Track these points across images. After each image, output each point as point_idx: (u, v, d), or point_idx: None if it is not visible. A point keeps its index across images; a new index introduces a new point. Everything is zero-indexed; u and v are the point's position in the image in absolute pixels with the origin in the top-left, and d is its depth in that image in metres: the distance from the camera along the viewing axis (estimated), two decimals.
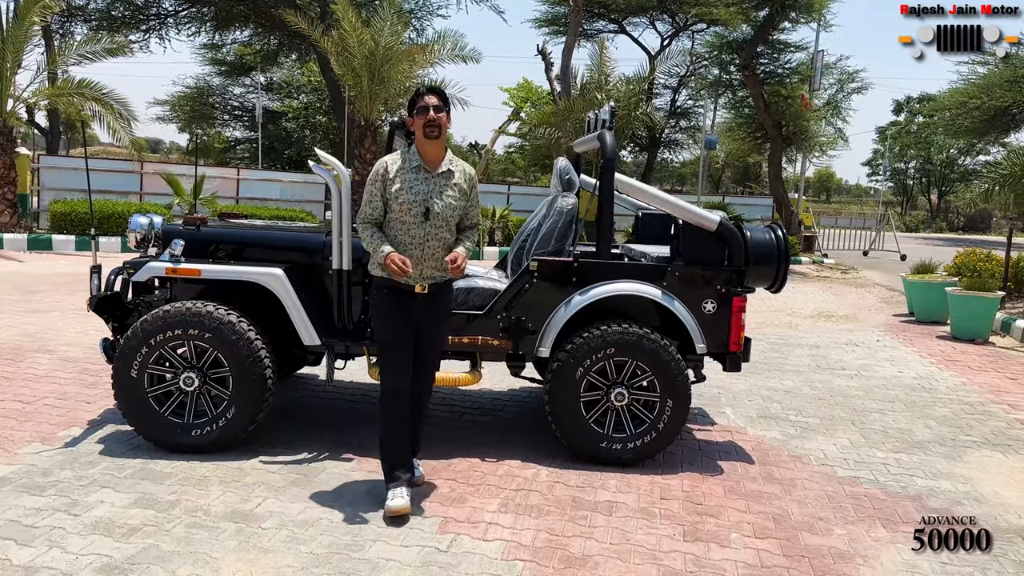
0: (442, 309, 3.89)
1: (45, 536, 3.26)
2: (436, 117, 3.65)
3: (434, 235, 3.69)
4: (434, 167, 3.72)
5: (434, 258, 3.71)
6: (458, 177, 3.78)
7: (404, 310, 3.74)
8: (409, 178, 3.69)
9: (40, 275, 10.95)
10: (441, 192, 3.71)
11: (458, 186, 3.77)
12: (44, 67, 15.96)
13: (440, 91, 3.79)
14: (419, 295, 3.73)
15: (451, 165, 3.78)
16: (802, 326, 9.92)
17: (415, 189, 3.67)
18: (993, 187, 11.54)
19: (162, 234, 4.62)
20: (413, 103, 3.74)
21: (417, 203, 3.66)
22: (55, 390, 5.34)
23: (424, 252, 3.69)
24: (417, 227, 3.68)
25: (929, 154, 52.52)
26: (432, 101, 3.67)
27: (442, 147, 3.77)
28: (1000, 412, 6.06)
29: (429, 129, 3.65)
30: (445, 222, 3.72)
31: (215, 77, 32.81)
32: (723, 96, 25.18)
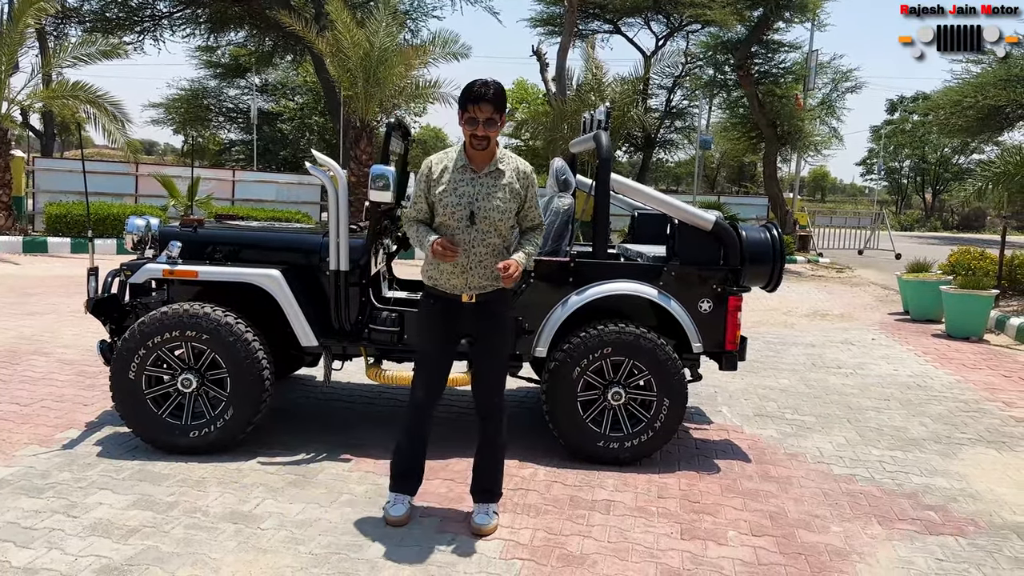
0: (496, 321, 3.51)
1: (44, 538, 3.26)
2: (484, 133, 3.32)
3: (480, 240, 3.39)
4: (481, 168, 3.43)
5: (482, 265, 3.41)
6: (508, 177, 3.44)
7: (447, 322, 3.49)
8: (454, 179, 3.41)
9: (36, 277, 10.93)
10: (488, 194, 3.39)
11: (508, 187, 3.43)
12: (39, 69, 15.91)
13: (496, 96, 3.33)
14: (466, 305, 3.45)
15: (501, 164, 3.45)
16: (798, 325, 9.94)
17: (460, 191, 3.39)
18: (987, 185, 11.58)
19: (159, 236, 4.63)
20: (463, 105, 3.36)
21: (461, 206, 3.37)
22: (52, 392, 5.34)
23: (470, 259, 3.40)
24: (462, 232, 3.38)
25: (923, 153, 52.66)
26: (483, 115, 3.30)
27: (490, 152, 3.44)
28: (994, 409, 6.09)
29: (476, 140, 3.35)
30: (493, 226, 3.40)
31: (210, 79, 32.81)
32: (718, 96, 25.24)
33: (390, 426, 4.99)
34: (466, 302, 3.45)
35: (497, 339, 3.57)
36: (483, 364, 3.60)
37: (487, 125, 3.32)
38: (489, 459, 3.67)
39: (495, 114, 3.32)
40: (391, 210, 4.95)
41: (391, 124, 4.77)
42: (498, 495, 3.69)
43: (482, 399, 3.62)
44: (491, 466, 3.67)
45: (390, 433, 4.83)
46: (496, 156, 3.47)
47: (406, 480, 3.67)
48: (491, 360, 3.58)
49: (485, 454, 3.67)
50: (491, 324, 3.52)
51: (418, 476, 3.71)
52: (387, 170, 4.21)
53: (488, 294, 3.47)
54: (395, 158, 5.05)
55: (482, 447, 3.68)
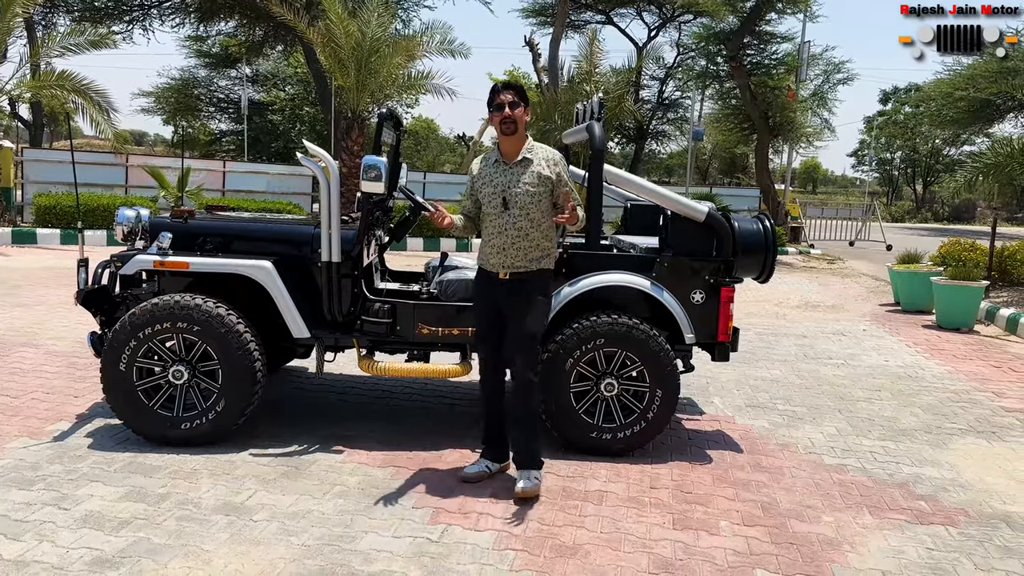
0: (524, 299, 3.90)
1: (35, 530, 3.25)
2: (511, 114, 3.79)
3: (513, 224, 3.82)
4: (511, 158, 3.87)
5: (515, 247, 3.84)
6: (536, 164, 3.86)
7: (489, 296, 3.96)
8: (490, 172, 3.92)
9: (25, 269, 10.86)
10: (518, 181, 3.83)
11: (536, 172, 3.84)
12: (27, 59, 15.77)
13: (517, 86, 3.92)
14: (502, 281, 3.89)
15: (529, 154, 3.88)
16: (789, 316, 9.98)
17: (495, 181, 3.88)
18: (977, 177, 11.62)
19: (149, 227, 4.59)
20: (491, 99, 3.86)
21: (496, 194, 3.86)
22: (42, 384, 5.31)
23: (504, 240, 3.85)
24: (498, 217, 3.85)
25: (915, 144, 52.78)
26: (508, 98, 3.80)
27: (519, 140, 3.88)
28: (984, 400, 6.12)
29: (505, 125, 3.81)
30: (524, 211, 3.82)
31: (200, 69, 32.57)
32: (710, 87, 25.17)
33: (383, 418, 4.99)
34: (502, 279, 3.88)
35: (526, 314, 3.89)
36: (511, 336, 3.91)
37: (512, 107, 3.79)
38: (521, 429, 3.96)
39: (516, 99, 3.82)
40: (383, 201, 4.93)
41: (383, 115, 4.75)
42: (539, 462, 3.94)
43: (511, 367, 3.96)
44: (524, 435, 3.95)
45: (382, 425, 4.84)
46: (525, 147, 3.90)
47: (488, 447, 4.13)
48: (518, 332, 3.89)
49: (517, 425, 3.98)
50: (522, 301, 3.89)
51: (500, 443, 4.10)
52: (379, 161, 4.20)
53: (522, 274, 3.88)
54: (387, 149, 5.02)
55: (514, 419, 3.98)
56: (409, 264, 6.62)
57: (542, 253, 3.90)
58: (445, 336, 4.49)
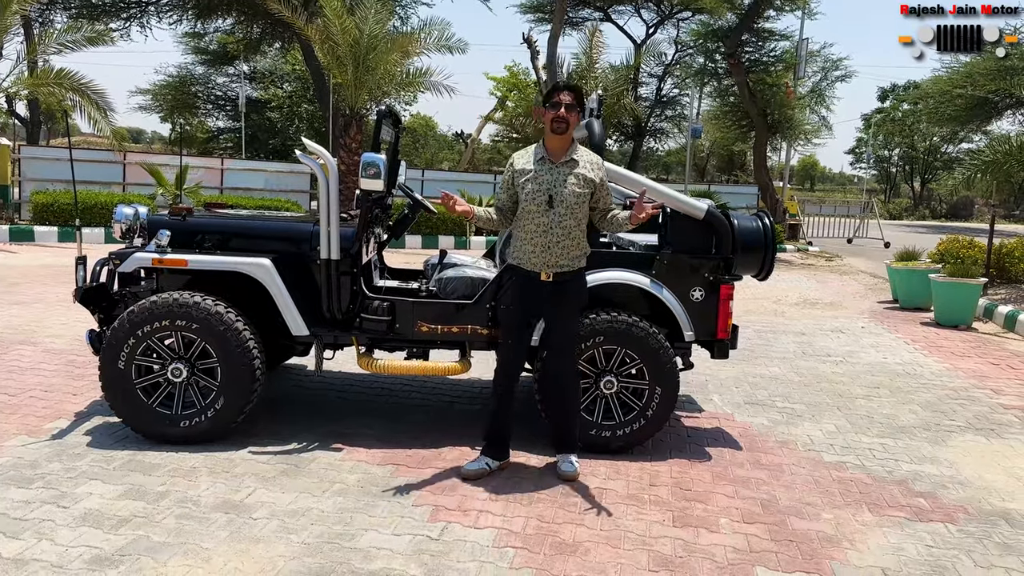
0: (568, 299, 3.98)
1: (34, 528, 3.24)
2: (566, 115, 3.84)
3: (558, 223, 3.87)
4: (558, 158, 3.92)
5: (559, 247, 3.88)
6: (582, 167, 3.92)
7: (526, 297, 3.97)
8: (535, 169, 3.92)
9: (23, 266, 10.85)
10: (564, 180, 3.88)
11: (582, 175, 3.90)
12: (24, 56, 15.73)
13: (577, 90, 3.96)
14: (544, 283, 3.92)
15: (575, 155, 3.94)
16: (787, 313, 9.98)
17: (540, 179, 3.89)
18: (975, 174, 11.63)
19: (148, 225, 4.58)
20: (549, 96, 3.94)
21: (541, 192, 3.87)
22: (41, 382, 5.30)
23: (548, 239, 3.88)
24: (542, 215, 3.88)
25: (913, 142, 52.78)
26: (566, 99, 3.86)
27: (567, 141, 3.94)
28: (983, 397, 6.13)
29: (557, 124, 3.85)
30: (570, 210, 3.87)
31: (198, 66, 32.52)
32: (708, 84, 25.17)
33: (382, 415, 4.99)
34: (544, 280, 3.92)
35: (570, 313, 4.04)
36: (554, 332, 4.05)
37: (568, 109, 3.85)
38: (563, 416, 4.17)
39: (575, 102, 3.88)
40: (382, 198, 4.92)
41: (382, 112, 4.73)
42: (577, 446, 4.19)
43: (552, 364, 4.12)
44: (565, 421, 4.17)
45: (382, 422, 4.84)
46: (571, 148, 3.97)
47: (490, 446, 4.15)
48: (561, 327, 4.03)
49: (559, 412, 4.17)
50: (565, 300, 3.98)
51: (502, 443, 4.17)
52: (377, 158, 4.19)
53: (565, 273, 3.94)
54: (386, 146, 5.01)
55: (557, 407, 4.17)
56: (408, 262, 6.61)
57: (581, 251, 3.99)
58: (444, 334, 4.48)
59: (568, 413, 4.17)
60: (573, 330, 4.09)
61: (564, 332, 4.05)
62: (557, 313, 4.00)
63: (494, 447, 4.15)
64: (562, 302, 3.98)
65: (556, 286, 3.94)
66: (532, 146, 4.07)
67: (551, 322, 4.06)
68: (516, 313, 4.04)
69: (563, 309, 4.00)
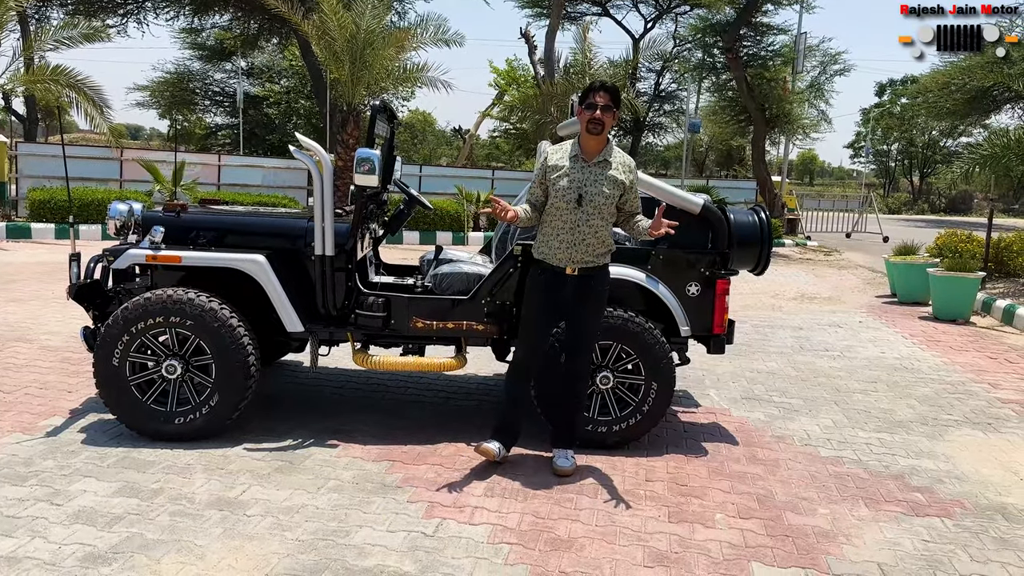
0: (592, 295, 4.00)
1: (27, 526, 3.23)
2: (601, 117, 3.83)
3: (585, 221, 3.88)
4: (591, 158, 3.92)
5: (585, 244, 3.91)
6: (614, 169, 3.92)
7: (552, 291, 3.98)
8: (567, 166, 3.92)
9: (19, 263, 10.82)
10: (596, 181, 3.88)
11: (613, 177, 3.90)
12: (20, 53, 15.68)
13: (614, 90, 3.92)
14: (570, 277, 3.95)
15: (608, 156, 3.94)
16: (785, 308, 9.97)
17: (571, 177, 3.89)
18: (973, 168, 11.61)
19: (142, 221, 4.56)
20: (585, 96, 3.91)
21: (572, 190, 3.88)
22: (36, 379, 5.29)
23: (575, 236, 3.90)
24: (570, 212, 3.88)
25: (911, 136, 52.74)
26: (602, 100, 3.83)
27: (602, 141, 3.94)
28: (980, 391, 6.12)
29: (592, 125, 3.85)
30: (598, 210, 3.88)
31: (195, 62, 32.41)
32: (706, 79, 25.12)
33: (377, 412, 4.98)
34: (570, 275, 3.93)
35: (590, 310, 4.04)
36: (576, 333, 4.05)
37: (604, 110, 3.82)
38: (566, 411, 4.18)
39: (611, 102, 3.85)
40: (377, 194, 4.91)
41: (376, 107, 4.71)
42: (575, 442, 4.21)
43: (568, 361, 4.10)
44: (567, 417, 4.18)
45: (377, 419, 4.82)
46: (606, 148, 3.96)
47: (500, 432, 4.17)
48: (584, 324, 4.04)
49: (562, 407, 4.19)
50: (589, 295, 3.99)
51: (513, 432, 4.19)
52: (372, 154, 4.17)
53: (589, 269, 3.96)
54: (381, 142, 4.99)
55: (560, 402, 4.19)
56: (406, 258, 6.59)
57: (606, 248, 4.02)
58: (439, 330, 4.47)
59: (572, 409, 4.17)
60: (595, 327, 4.09)
61: (586, 329, 4.05)
62: (581, 309, 4.01)
63: (506, 437, 4.17)
64: (587, 297, 3.99)
65: (581, 280, 3.95)
66: (568, 142, 4.06)
67: (573, 318, 4.05)
68: (540, 308, 4.04)
69: (588, 305, 4.01)
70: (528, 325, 4.11)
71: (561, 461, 4.08)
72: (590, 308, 4.03)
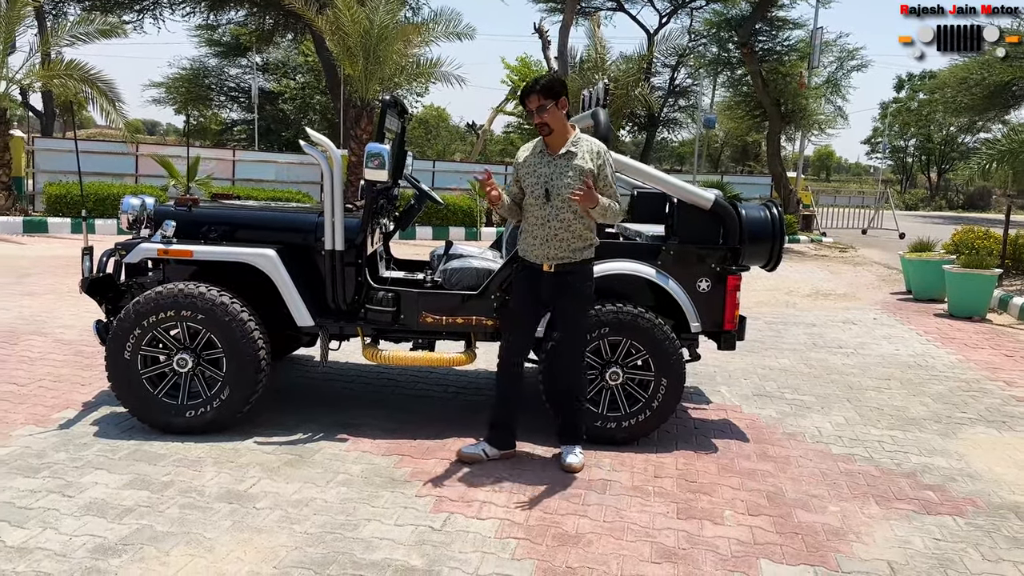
0: (572, 292, 3.94)
1: (39, 518, 3.26)
2: (542, 120, 3.80)
3: (555, 216, 3.84)
4: (555, 151, 3.89)
5: (558, 239, 3.86)
6: (580, 158, 3.85)
7: (531, 287, 3.97)
8: (533, 162, 3.92)
9: (35, 258, 10.92)
10: (561, 173, 3.84)
11: (579, 167, 3.83)
12: (37, 48, 15.80)
13: (542, 86, 3.81)
14: (547, 275, 3.91)
15: (574, 147, 3.88)
16: (799, 305, 9.91)
17: (537, 172, 3.89)
18: (991, 164, 11.47)
19: (154, 215, 4.59)
20: (522, 104, 3.92)
21: (538, 185, 3.87)
22: (50, 372, 5.34)
23: (547, 232, 3.86)
24: (540, 208, 3.87)
25: (929, 132, 52.23)
26: (534, 105, 3.80)
27: (560, 136, 3.88)
28: (996, 389, 6.06)
29: (540, 129, 3.85)
30: (566, 203, 3.83)
31: (211, 58, 32.59)
32: (721, 74, 24.98)
33: (387, 406, 4.99)
34: (547, 272, 3.90)
35: (571, 306, 3.98)
36: (560, 329, 4.02)
37: (540, 112, 3.79)
38: (567, 408, 4.15)
39: (544, 101, 3.78)
40: (388, 189, 4.91)
41: (386, 102, 4.71)
42: (581, 438, 4.18)
43: (560, 357, 4.07)
44: (570, 414, 4.14)
45: (387, 413, 4.84)
46: (570, 140, 3.90)
47: (494, 430, 4.16)
48: (566, 321, 3.99)
49: (564, 404, 4.16)
50: (567, 293, 3.94)
51: (507, 430, 4.16)
52: (382, 148, 4.17)
53: (566, 265, 3.90)
54: (391, 136, 5.00)
55: (562, 399, 4.18)
56: (418, 253, 6.59)
57: (584, 244, 3.93)
58: (449, 325, 4.47)
59: (571, 407, 4.14)
60: (578, 324, 4.04)
61: (568, 326, 4.02)
62: (562, 307, 3.99)
63: (498, 435, 4.16)
64: (566, 295, 3.95)
65: (558, 277, 3.91)
66: (537, 138, 4.04)
67: (556, 317, 4.06)
68: (521, 302, 4.05)
69: (567, 302, 3.97)
70: (509, 322, 4.14)
71: (570, 458, 4.07)
72: (572, 306, 3.98)
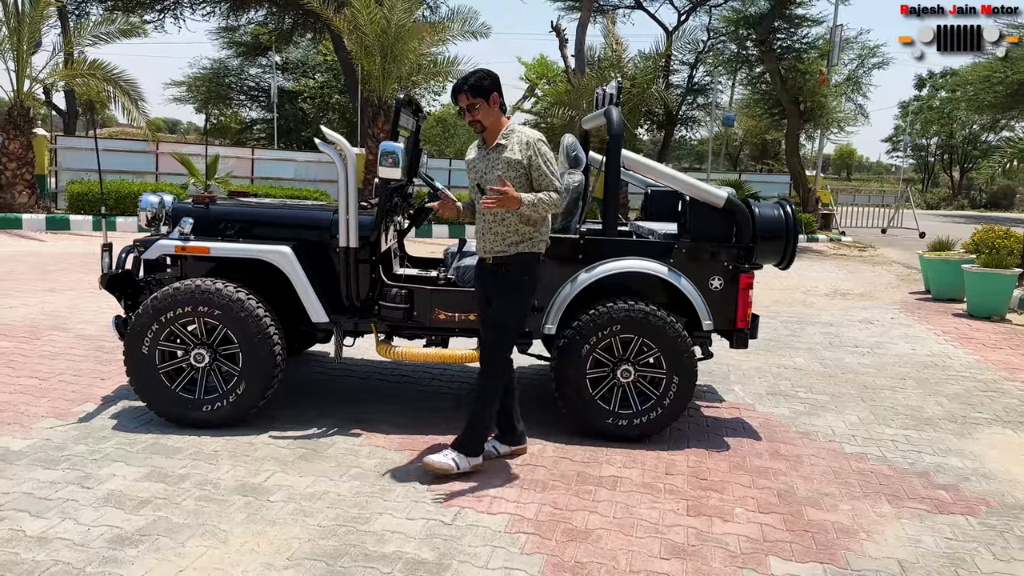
0: (503, 285, 3.88)
1: (58, 508, 3.33)
2: (473, 118, 3.80)
3: (488, 209, 3.78)
4: (489, 144, 3.90)
5: (492, 232, 3.84)
6: (508, 150, 3.80)
7: (480, 280, 4.03)
8: (473, 158, 3.98)
9: (58, 254, 11.08)
10: (492, 167, 3.84)
11: (508, 159, 3.79)
12: (60, 48, 16.01)
13: (469, 85, 3.76)
14: (487, 266, 3.94)
15: (504, 139, 3.85)
16: (816, 304, 9.86)
17: (475, 167, 3.94)
18: (1012, 162, 11.35)
19: (172, 213, 4.66)
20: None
21: (474, 179, 3.94)
22: (71, 367, 5.43)
23: (483, 225, 3.89)
24: (478, 202, 3.88)
25: (951, 130, 51.67)
26: (464, 103, 3.78)
27: (492, 131, 3.86)
28: (1013, 389, 6.01)
29: (474, 126, 3.85)
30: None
31: (231, 58, 32.87)
32: (740, 72, 24.85)
33: (401, 402, 5.03)
34: (487, 265, 3.93)
35: (502, 298, 3.90)
36: (487, 318, 3.99)
37: (470, 110, 3.78)
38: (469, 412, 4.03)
39: (473, 100, 3.76)
40: (402, 187, 4.95)
41: (400, 100, 4.75)
42: (470, 450, 3.91)
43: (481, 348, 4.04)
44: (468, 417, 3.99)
45: (400, 409, 4.88)
46: (502, 133, 3.85)
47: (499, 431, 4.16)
48: (492, 315, 3.93)
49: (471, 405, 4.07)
50: (501, 285, 3.90)
51: (508, 426, 4.15)
52: (396, 147, 4.20)
53: (502, 258, 3.86)
54: (406, 134, 5.03)
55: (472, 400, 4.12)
56: (434, 251, 6.64)
57: (521, 237, 3.82)
58: (462, 321, 4.50)
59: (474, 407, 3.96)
60: (502, 316, 3.89)
61: (493, 316, 3.92)
62: (493, 297, 3.93)
63: (503, 432, 4.17)
64: (498, 287, 3.89)
65: (495, 269, 3.89)
66: None
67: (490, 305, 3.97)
68: (478, 297, 4.11)
69: (497, 293, 3.90)
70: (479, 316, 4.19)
71: (439, 456, 3.86)
72: (500, 299, 3.89)
